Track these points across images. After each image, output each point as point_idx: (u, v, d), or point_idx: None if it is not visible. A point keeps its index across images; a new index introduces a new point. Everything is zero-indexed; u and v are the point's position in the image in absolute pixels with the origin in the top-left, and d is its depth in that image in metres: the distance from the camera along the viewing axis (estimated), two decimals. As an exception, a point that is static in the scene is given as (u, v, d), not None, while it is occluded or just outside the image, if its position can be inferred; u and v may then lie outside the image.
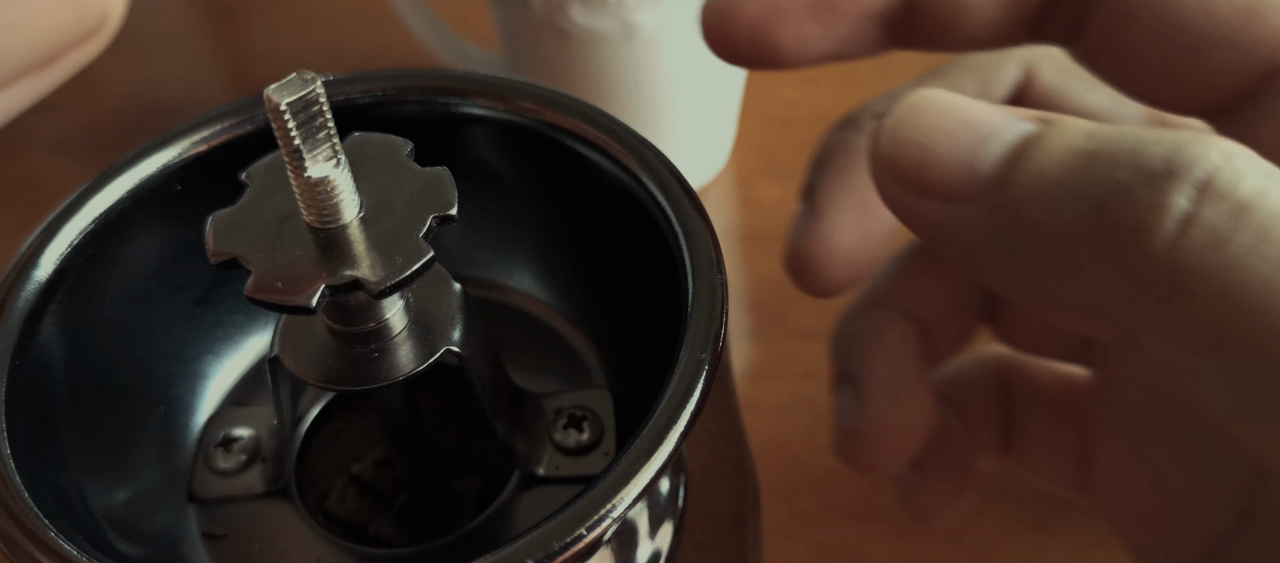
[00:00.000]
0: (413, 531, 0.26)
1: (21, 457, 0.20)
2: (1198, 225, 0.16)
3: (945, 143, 0.18)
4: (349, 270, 0.18)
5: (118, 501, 0.23)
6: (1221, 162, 0.16)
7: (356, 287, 0.18)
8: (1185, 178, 0.16)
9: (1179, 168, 0.16)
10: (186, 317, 0.26)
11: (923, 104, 0.18)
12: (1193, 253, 0.16)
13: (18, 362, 0.21)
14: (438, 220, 0.19)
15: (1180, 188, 0.16)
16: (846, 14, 0.22)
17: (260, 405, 0.26)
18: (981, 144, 0.18)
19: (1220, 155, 0.16)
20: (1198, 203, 0.16)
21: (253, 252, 0.18)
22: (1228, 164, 0.16)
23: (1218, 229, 0.15)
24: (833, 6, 0.22)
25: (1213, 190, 0.16)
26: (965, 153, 0.18)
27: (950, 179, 0.18)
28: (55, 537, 0.19)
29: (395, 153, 0.20)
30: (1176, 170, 0.16)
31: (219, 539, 0.24)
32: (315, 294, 0.18)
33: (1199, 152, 0.16)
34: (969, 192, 0.18)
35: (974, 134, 0.18)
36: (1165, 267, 0.16)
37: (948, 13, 0.22)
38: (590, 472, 0.24)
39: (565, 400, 0.25)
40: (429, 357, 0.21)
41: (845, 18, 0.22)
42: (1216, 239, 0.15)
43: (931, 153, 0.18)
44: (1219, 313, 0.16)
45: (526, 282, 0.28)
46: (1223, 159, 0.16)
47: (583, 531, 0.18)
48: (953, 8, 0.22)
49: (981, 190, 0.17)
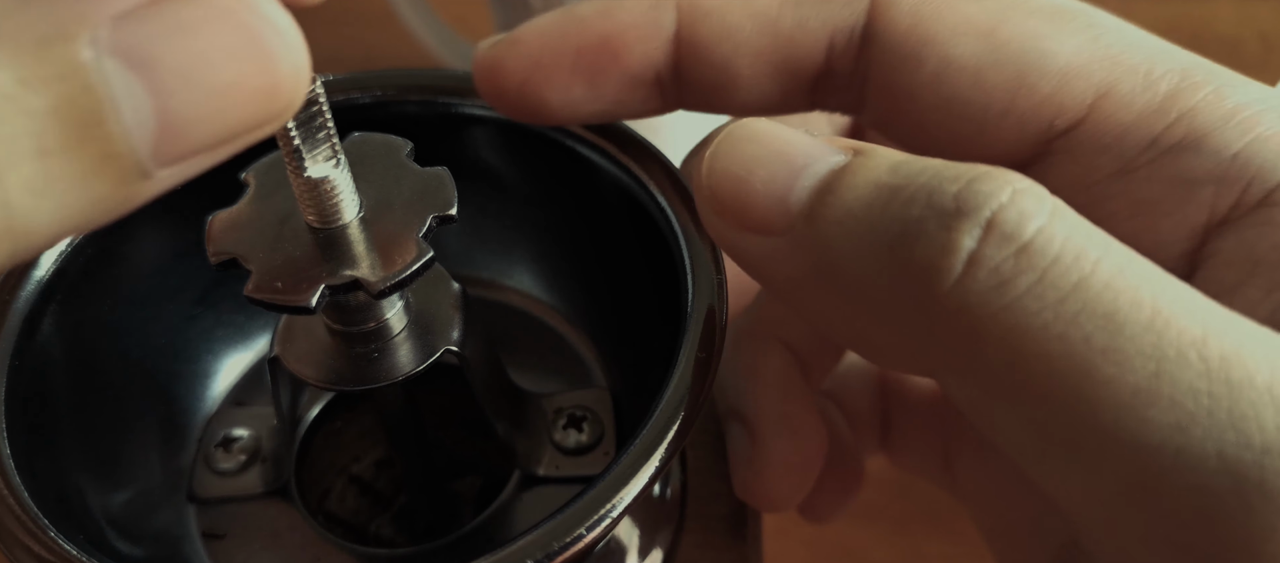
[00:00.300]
0: (412, 531, 0.26)
1: (22, 457, 0.20)
2: (982, 267, 0.15)
3: (761, 175, 0.17)
4: (349, 270, 0.18)
5: (118, 500, 0.23)
6: (1007, 200, 0.15)
7: (356, 287, 0.18)
8: (972, 217, 0.15)
9: (967, 206, 0.16)
10: (186, 317, 0.26)
11: (741, 134, 0.18)
12: (978, 295, 0.15)
13: (17, 362, 0.21)
14: (438, 220, 0.19)
15: (967, 227, 0.15)
16: (612, 77, 0.21)
17: (260, 406, 0.26)
18: (794, 177, 0.17)
19: (1008, 193, 0.15)
20: (982, 243, 0.15)
21: (253, 251, 0.18)
22: (1013, 202, 0.15)
23: (1001, 271, 0.15)
24: (597, 69, 0.21)
25: (997, 230, 0.15)
26: (779, 186, 0.17)
27: (765, 213, 0.17)
28: (56, 537, 0.19)
29: (395, 153, 0.20)
30: (965, 209, 0.16)
31: (219, 539, 0.24)
32: (315, 294, 0.18)
33: (989, 189, 0.16)
34: (782, 226, 0.17)
35: (788, 166, 0.17)
36: (954, 310, 0.15)
37: (716, 83, 0.21)
38: (590, 472, 0.24)
39: (565, 400, 0.25)
40: (429, 357, 0.21)
41: (611, 81, 0.21)
42: (1000, 281, 0.15)
43: (747, 185, 0.18)
44: (1005, 358, 0.15)
45: (526, 282, 0.28)
46: (1009, 197, 0.15)
47: (582, 531, 0.18)
48: (721, 79, 0.21)
49: (793, 225, 0.17)
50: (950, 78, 0.20)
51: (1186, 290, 0.15)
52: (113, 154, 0.12)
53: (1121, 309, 0.15)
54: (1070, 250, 0.15)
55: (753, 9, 0.21)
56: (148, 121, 0.13)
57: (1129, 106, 0.19)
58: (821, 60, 0.21)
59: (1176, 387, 0.14)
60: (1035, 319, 0.15)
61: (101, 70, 0.12)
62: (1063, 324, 0.15)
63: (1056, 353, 0.15)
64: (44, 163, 0.12)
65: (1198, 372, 0.15)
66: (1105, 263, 0.15)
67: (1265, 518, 0.14)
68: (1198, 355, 0.15)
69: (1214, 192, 0.19)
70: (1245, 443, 0.14)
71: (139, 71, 0.12)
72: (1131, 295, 0.15)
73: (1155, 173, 0.19)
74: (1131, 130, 0.19)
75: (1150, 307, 0.15)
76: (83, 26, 0.12)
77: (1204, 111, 0.19)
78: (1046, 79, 0.19)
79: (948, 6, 0.20)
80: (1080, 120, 0.19)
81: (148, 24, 0.12)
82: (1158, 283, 0.15)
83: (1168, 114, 0.19)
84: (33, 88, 0.12)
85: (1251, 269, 0.18)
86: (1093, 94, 0.19)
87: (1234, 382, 0.14)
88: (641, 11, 0.21)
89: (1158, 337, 0.15)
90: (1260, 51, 0.55)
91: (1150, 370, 0.15)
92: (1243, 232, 0.18)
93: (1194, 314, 0.15)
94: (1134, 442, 0.15)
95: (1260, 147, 0.18)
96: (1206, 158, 0.19)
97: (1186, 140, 0.19)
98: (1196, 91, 0.19)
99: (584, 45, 0.21)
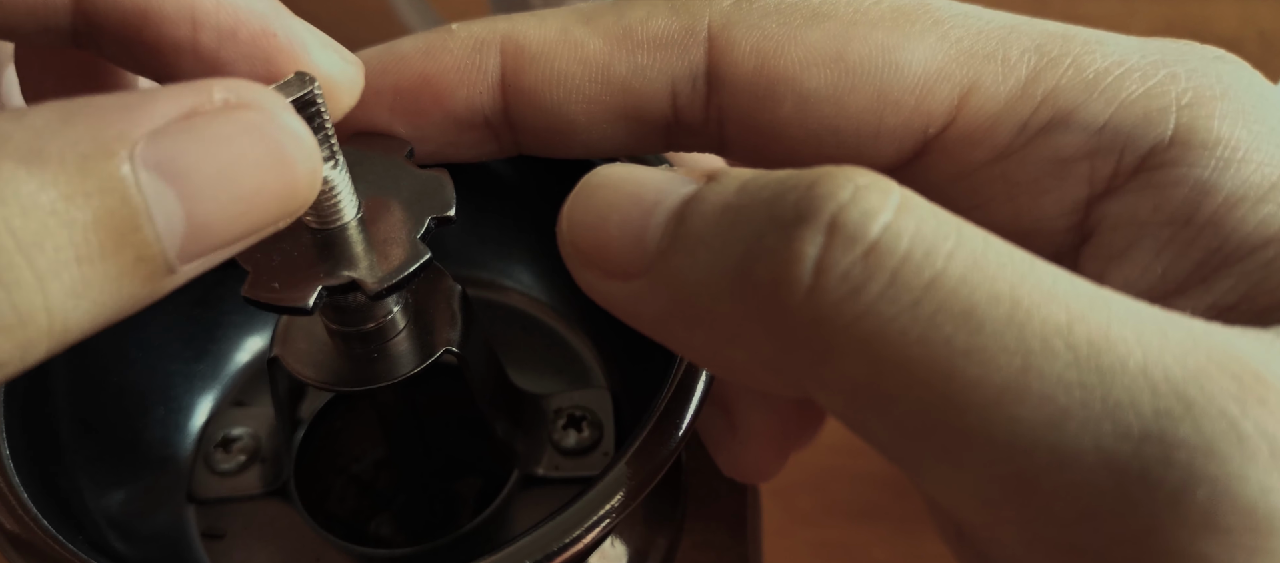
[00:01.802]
0: (412, 531, 0.26)
1: (22, 457, 0.20)
2: (829, 273, 0.14)
3: (615, 221, 0.17)
4: (346, 271, 0.18)
5: (117, 501, 0.23)
6: (848, 198, 0.15)
7: (354, 288, 0.18)
8: (813, 222, 0.15)
9: (807, 211, 0.15)
10: (186, 317, 0.26)
11: (594, 182, 0.17)
12: (831, 306, 0.14)
13: (17, 362, 0.21)
14: (436, 222, 0.19)
15: (809, 233, 0.15)
16: (434, 120, 0.20)
17: (259, 406, 0.26)
18: (647, 216, 0.17)
19: (849, 191, 0.15)
20: (826, 248, 0.14)
21: (251, 251, 0.18)
22: (855, 201, 0.15)
23: (850, 276, 0.14)
24: (417, 111, 0.20)
25: (840, 233, 0.14)
26: (634, 228, 0.17)
27: (625, 257, 0.17)
28: (56, 537, 0.19)
29: (394, 154, 0.20)
30: (805, 214, 0.15)
31: (219, 539, 0.24)
32: (312, 296, 0.18)
33: (828, 190, 0.15)
34: (642, 266, 0.17)
35: (640, 207, 0.17)
36: (807, 324, 0.15)
37: (550, 128, 0.20)
38: (589, 472, 0.24)
39: (564, 400, 0.25)
40: (428, 357, 0.21)
41: (433, 123, 0.20)
42: (850, 287, 0.14)
43: (604, 233, 0.17)
44: (865, 369, 0.14)
45: (526, 282, 0.28)
46: (850, 195, 0.15)
47: (581, 532, 0.18)
48: (555, 124, 0.20)
49: (652, 263, 0.16)
50: (812, 111, 0.19)
51: (1049, 272, 0.15)
52: (145, 257, 0.13)
53: (979, 305, 0.14)
54: (920, 246, 0.14)
55: (581, 56, 0.20)
56: (178, 226, 0.14)
57: (994, 97, 0.19)
58: (667, 108, 0.20)
59: (1045, 381, 0.14)
60: (891, 325, 0.14)
61: (138, 182, 0.13)
62: (920, 327, 0.14)
63: (917, 358, 0.14)
64: (83, 269, 0.13)
65: (1066, 362, 0.14)
66: (959, 255, 0.14)
67: (1149, 511, 0.14)
68: (1064, 344, 0.14)
69: (1089, 166, 0.19)
70: (1123, 433, 0.14)
71: (172, 182, 0.13)
72: (989, 288, 0.14)
73: (1029, 156, 0.19)
74: (1000, 120, 0.19)
75: (1009, 298, 0.14)
76: (122, 144, 0.13)
77: (1067, 88, 0.18)
78: (908, 93, 0.19)
79: (789, 40, 0.19)
80: (950, 122, 0.19)
81: (181, 139, 0.14)
82: (1016, 269, 0.14)
83: (1033, 97, 0.19)
84: (76, 203, 0.13)
85: (1137, 233, 0.18)
86: (956, 95, 0.19)
87: (1105, 368, 0.14)
88: (464, 54, 0.20)
89: (1020, 330, 0.14)
90: (1260, 51, 0.55)
91: (1016, 366, 0.14)
92: (1124, 198, 0.18)
93: (1056, 300, 0.14)
94: (1007, 443, 0.14)
95: (1126, 113, 0.18)
96: (1076, 134, 0.18)
97: (1054, 120, 0.19)
98: (1056, 68, 0.19)
99: (403, 85, 0.20)
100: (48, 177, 0.13)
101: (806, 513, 0.41)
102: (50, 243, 0.13)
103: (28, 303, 0.13)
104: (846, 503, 0.41)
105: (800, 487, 0.42)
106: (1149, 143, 0.18)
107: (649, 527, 0.24)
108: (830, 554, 0.40)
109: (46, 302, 0.13)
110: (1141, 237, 0.18)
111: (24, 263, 0.12)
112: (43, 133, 0.13)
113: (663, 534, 0.24)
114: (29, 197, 0.12)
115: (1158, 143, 0.18)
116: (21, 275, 0.12)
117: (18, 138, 0.13)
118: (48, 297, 0.13)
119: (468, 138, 0.21)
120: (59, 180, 0.13)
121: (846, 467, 0.41)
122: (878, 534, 0.40)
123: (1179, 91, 0.18)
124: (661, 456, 0.19)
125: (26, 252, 0.12)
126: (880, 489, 0.41)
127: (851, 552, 0.40)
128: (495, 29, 0.20)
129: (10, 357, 0.13)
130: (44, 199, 0.12)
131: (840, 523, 0.41)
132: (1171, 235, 0.18)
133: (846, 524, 0.41)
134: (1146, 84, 0.18)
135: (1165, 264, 0.18)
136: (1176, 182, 0.18)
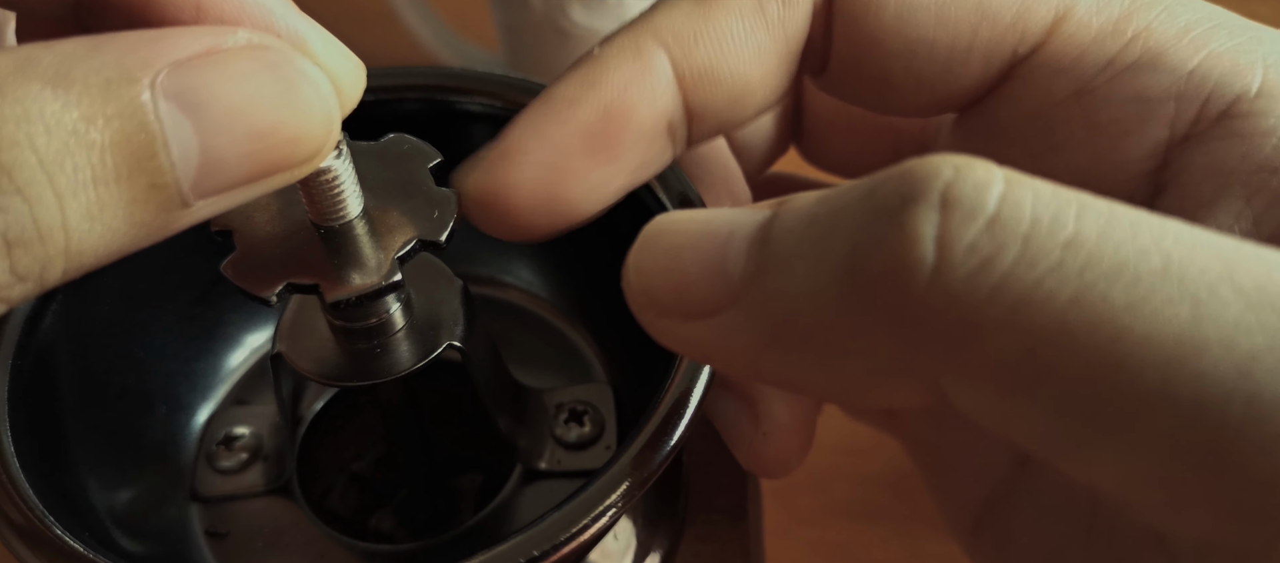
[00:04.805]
0: (414, 526, 0.26)
1: (27, 455, 0.20)
2: (954, 249, 0.13)
3: (691, 258, 0.16)
4: (315, 275, 0.18)
5: (122, 499, 0.23)
6: (953, 175, 0.14)
7: (315, 291, 0.18)
8: (924, 200, 0.14)
9: (912, 193, 0.14)
10: (186, 316, 0.26)
11: (657, 230, 0.17)
12: (963, 282, 0.13)
13: (20, 361, 0.21)
14: (422, 244, 0.19)
15: (922, 212, 0.14)
16: (626, 143, 0.20)
17: (261, 404, 0.26)
18: (725, 245, 0.16)
19: (951, 169, 0.14)
20: (944, 224, 0.14)
21: (247, 227, 0.19)
22: (961, 176, 0.14)
23: (978, 248, 0.13)
24: (611, 142, 0.20)
25: (956, 208, 0.14)
26: (713, 260, 0.16)
27: (707, 292, 0.16)
28: (62, 534, 0.19)
29: (420, 164, 0.20)
30: (911, 196, 0.14)
31: (222, 537, 0.24)
32: (275, 290, 0.18)
33: (928, 171, 0.14)
34: (728, 298, 0.16)
35: (715, 239, 0.16)
36: (940, 307, 0.14)
37: (731, 98, 0.20)
38: (591, 466, 0.24)
39: (566, 395, 0.25)
40: (431, 352, 0.21)
41: (626, 147, 0.20)
42: (981, 259, 0.13)
43: (680, 273, 0.16)
44: (1015, 344, 0.13)
45: (526, 278, 0.28)
46: (954, 172, 0.14)
47: (584, 525, 0.18)
48: (737, 92, 0.20)
49: (739, 292, 0.16)
50: (913, 19, 0.20)
51: (1186, 229, 0.14)
52: (159, 185, 0.14)
53: (1128, 260, 0.13)
54: (1045, 210, 0.13)
55: (734, 9, 0.20)
56: (192, 157, 0.14)
57: (1087, 27, 0.19)
58: (807, 30, 0.21)
59: (1222, 327, 0.13)
60: (1038, 290, 0.13)
61: (157, 110, 0.14)
62: (1070, 287, 0.13)
63: (1074, 322, 0.13)
64: (98, 191, 0.13)
65: (1240, 307, 0.13)
66: (1087, 217, 0.13)
67: None
68: (1232, 290, 0.13)
69: (1174, 108, 0.19)
70: None
71: (189, 113, 0.14)
72: (1133, 243, 0.13)
73: (1113, 92, 0.19)
74: (1089, 51, 0.19)
75: (1157, 251, 0.13)
76: (145, 71, 0.14)
77: (1158, 30, 0.19)
78: (1006, 8, 0.19)
79: None
80: (1040, 45, 0.19)
81: (202, 72, 0.14)
82: (1151, 224, 0.14)
83: (1123, 33, 0.19)
84: (95, 124, 0.13)
85: (1224, 181, 0.18)
86: (1051, 16, 0.19)
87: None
88: (630, 64, 0.20)
89: (1180, 280, 0.13)
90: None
91: (1186, 316, 0.13)
92: (1208, 146, 0.18)
93: (1206, 249, 0.13)
94: (1192, 401, 0.13)
95: (1215, 62, 0.18)
96: (1164, 75, 0.19)
97: (1143, 59, 0.19)
98: (1149, 10, 0.19)
99: (587, 125, 0.19)
100: (72, 97, 0.13)
101: (807, 513, 0.41)
102: (70, 162, 0.13)
103: (48, 219, 0.13)
104: (847, 503, 0.41)
105: (800, 487, 0.42)
106: (1235, 91, 0.18)
107: (651, 520, 0.24)
108: (830, 554, 0.40)
109: (65, 220, 0.13)
110: (1229, 184, 0.18)
111: (45, 179, 0.13)
112: (70, 58, 0.13)
113: (665, 527, 0.24)
114: (53, 116, 0.13)
115: (1244, 92, 0.18)
116: (43, 192, 0.13)
117: (46, 61, 0.13)
118: (66, 215, 0.13)
119: (653, 150, 0.20)
120: (82, 102, 0.13)
121: (847, 467, 0.41)
122: (878, 534, 0.40)
123: (1266, 52, 0.18)
124: (664, 449, 0.19)
125: (48, 169, 0.13)
126: (880, 489, 0.41)
127: (851, 552, 0.40)
128: (642, 30, 0.20)
129: (29, 270, 0.13)
130: (67, 119, 0.13)
131: (840, 523, 0.41)
132: (1261, 184, 0.18)
133: (847, 524, 0.41)
134: (1235, 39, 0.19)
135: (1257, 211, 0.18)
136: (1266, 131, 0.18)
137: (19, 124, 0.13)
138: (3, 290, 0.13)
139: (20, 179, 0.13)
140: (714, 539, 0.25)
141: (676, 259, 0.17)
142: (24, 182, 0.13)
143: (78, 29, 0.19)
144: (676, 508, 0.25)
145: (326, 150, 0.16)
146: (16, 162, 0.13)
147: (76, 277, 0.14)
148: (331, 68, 0.17)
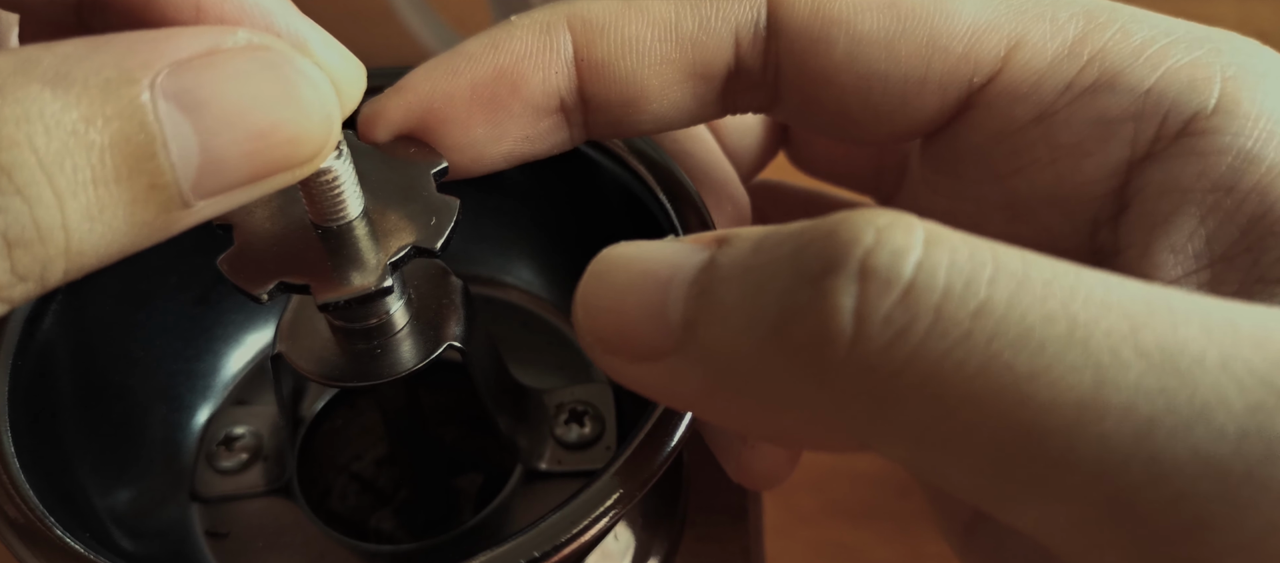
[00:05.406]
0: (414, 527, 0.26)
1: (27, 455, 0.20)
2: (870, 320, 0.14)
3: (634, 302, 0.16)
4: (308, 274, 0.18)
5: (122, 499, 0.23)
6: (873, 241, 0.14)
7: (305, 290, 0.18)
8: (843, 270, 0.14)
9: (834, 261, 0.14)
10: (186, 317, 0.26)
11: (605, 266, 0.17)
12: (877, 353, 0.14)
13: (20, 362, 0.21)
14: (416, 250, 0.19)
15: (841, 284, 0.14)
16: (512, 111, 0.20)
17: (261, 404, 0.26)
18: (665, 290, 0.16)
19: (872, 234, 0.14)
20: (861, 296, 0.14)
21: (247, 223, 0.19)
22: (881, 242, 0.14)
23: (892, 319, 0.14)
24: (496, 104, 0.20)
25: (874, 277, 0.14)
26: (654, 305, 0.16)
27: (649, 336, 0.16)
28: (62, 534, 0.19)
29: (424, 168, 0.20)
30: (832, 264, 0.14)
31: (222, 537, 0.24)
32: (267, 288, 0.18)
33: (850, 235, 0.14)
34: (670, 344, 0.16)
35: (656, 283, 0.16)
36: (858, 376, 0.14)
37: (624, 99, 0.20)
38: (592, 466, 0.24)
39: (566, 395, 0.25)
40: (431, 352, 0.21)
41: (512, 115, 0.20)
42: (895, 331, 0.14)
43: (624, 315, 0.16)
44: (929, 413, 0.14)
45: (526, 278, 0.28)
46: (874, 238, 0.14)
47: (585, 525, 0.18)
48: (629, 94, 0.20)
49: (681, 340, 0.16)
50: (863, 54, 0.20)
51: (1099, 280, 0.14)
52: (159, 185, 0.14)
53: (1034, 326, 0.13)
54: (958, 276, 0.14)
55: (649, 18, 0.20)
56: (192, 158, 0.14)
57: (1041, 53, 0.19)
58: (730, 59, 0.20)
59: (1123, 392, 0.13)
60: (946, 362, 0.13)
61: (157, 111, 0.14)
62: (977, 359, 0.13)
63: (980, 391, 0.13)
64: (98, 191, 0.13)
65: (1140, 370, 0.13)
66: (1000, 280, 0.14)
67: (1261, 513, 0.13)
68: (1134, 352, 0.13)
69: (1133, 128, 0.19)
70: (1217, 434, 0.13)
71: (189, 113, 0.14)
72: (1040, 309, 0.13)
73: (1073, 115, 0.19)
74: (1046, 76, 0.19)
75: (1064, 314, 0.13)
76: (145, 72, 0.14)
77: (1113, 51, 0.19)
78: (957, 39, 0.19)
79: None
80: (996, 73, 0.19)
81: (202, 72, 0.14)
82: (1063, 284, 0.14)
83: (1079, 56, 0.19)
84: (95, 125, 0.13)
85: (1180, 199, 0.18)
86: (1004, 46, 0.19)
87: (1183, 370, 0.13)
88: (534, 37, 0.20)
89: (1084, 345, 0.13)
90: (1257, 49, 0.55)
91: (1089, 383, 0.13)
92: (1166, 164, 0.18)
93: (1114, 308, 0.13)
94: (1096, 463, 0.13)
95: (1172, 79, 0.18)
96: (1122, 95, 0.19)
97: (1101, 80, 0.19)
98: (1103, 31, 0.19)
99: (478, 81, 0.20)
100: (71, 98, 0.13)
101: (807, 513, 0.41)
102: (69, 162, 0.13)
103: (48, 220, 0.13)
104: (847, 503, 0.41)
105: (800, 487, 0.42)
106: (1193, 108, 0.18)
107: (652, 520, 0.24)
108: (830, 554, 0.40)
109: (64, 220, 0.13)
110: (1185, 203, 0.18)
111: (45, 180, 0.13)
112: (70, 58, 0.13)
113: (665, 527, 0.24)
114: (52, 117, 0.13)
115: (1201, 110, 0.18)
116: (42, 192, 0.13)
117: (46, 62, 0.13)
118: (66, 215, 0.13)
119: (544, 127, 0.21)
120: (82, 102, 0.13)
121: (847, 467, 0.41)
122: (878, 534, 0.40)
123: (1223, 64, 0.18)
124: (664, 449, 0.19)
125: (47, 169, 0.13)
126: (880, 489, 0.41)
127: (851, 552, 0.40)
128: (559, 11, 0.20)
129: (30, 271, 0.13)
130: (66, 120, 0.13)
131: (840, 523, 0.41)
132: (1216, 202, 0.18)
133: (846, 524, 0.41)
134: (1192, 54, 0.19)
135: (1210, 230, 0.18)
136: (1221, 149, 0.18)
137: (19, 124, 0.13)
138: (3, 290, 0.13)
139: (20, 179, 0.13)
140: (714, 539, 0.25)
141: (620, 300, 0.16)
142: (24, 182, 0.13)
143: (80, 30, 0.19)
144: (676, 508, 0.25)
145: (327, 151, 0.16)
146: (16, 162, 0.13)
147: (78, 277, 0.14)
148: (331, 68, 0.17)
